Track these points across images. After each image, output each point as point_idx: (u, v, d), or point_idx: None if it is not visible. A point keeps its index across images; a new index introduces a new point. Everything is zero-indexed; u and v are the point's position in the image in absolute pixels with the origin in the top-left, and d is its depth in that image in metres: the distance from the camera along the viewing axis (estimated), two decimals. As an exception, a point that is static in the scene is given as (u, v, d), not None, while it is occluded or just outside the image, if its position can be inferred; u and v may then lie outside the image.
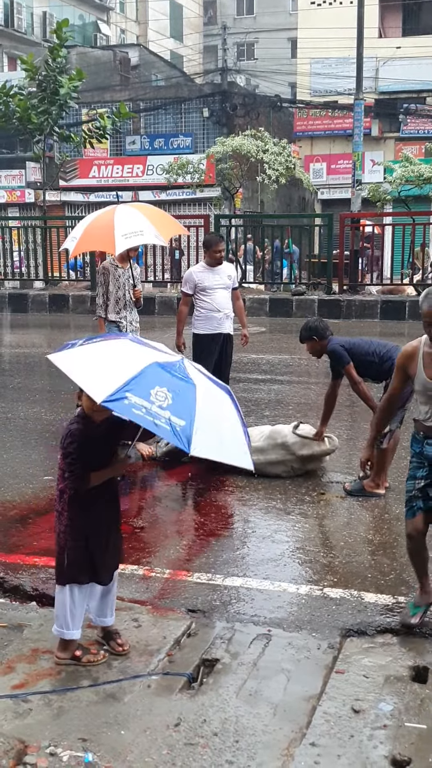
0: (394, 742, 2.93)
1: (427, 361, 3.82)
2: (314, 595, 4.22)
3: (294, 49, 37.06)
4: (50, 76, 19.86)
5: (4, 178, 32.82)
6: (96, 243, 7.62)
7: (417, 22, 31.42)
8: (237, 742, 2.92)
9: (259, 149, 22.12)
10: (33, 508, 5.63)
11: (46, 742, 2.90)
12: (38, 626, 3.82)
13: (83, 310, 18.53)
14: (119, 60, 35.24)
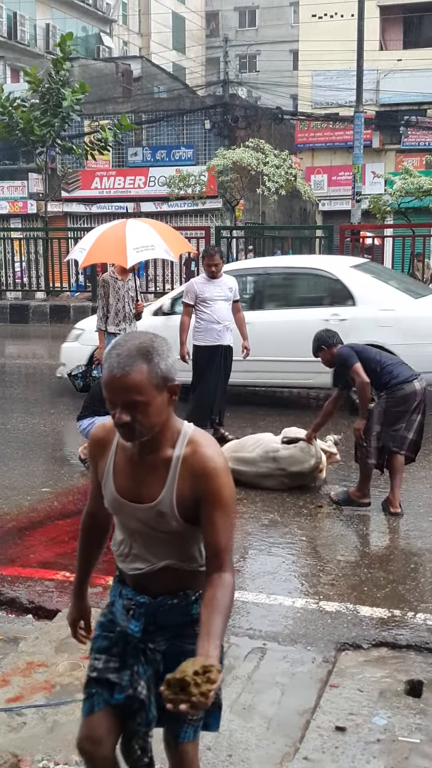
0: (388, 757, 2.92)
1: (119, 463, 2.27)
2: (310, 609, 4.22)
3: (295, 62, 37.24)
4: (53, 89, 19.96)
5: (6, 189, 32.92)
6: (107, 255, 7.69)
7: (418, 34, 31.57)
8: (230, 756, 2.92)
9: (260, 161, 22.21)
10: (30, 521, 5.63)
11: (39, 756, 2.90)
12: (34, 639, 3.82)
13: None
14: (122, 72, 35.39)
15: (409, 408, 5.44)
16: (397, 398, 5.46)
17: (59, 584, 4.54)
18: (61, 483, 6.50)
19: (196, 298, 7.51)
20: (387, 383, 5.53)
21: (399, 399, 5.45)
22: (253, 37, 51.23)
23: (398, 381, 5.47)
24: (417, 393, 5.45)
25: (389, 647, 3.81)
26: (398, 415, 5.44)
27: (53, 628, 3.92)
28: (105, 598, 4.32)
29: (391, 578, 4.59)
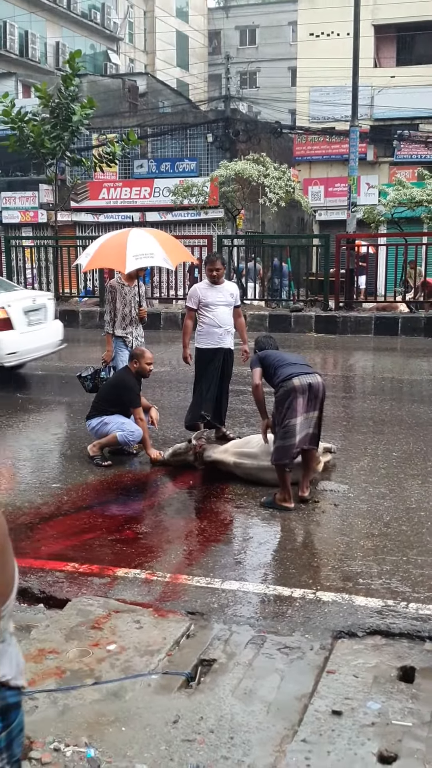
0: (382, 739, 2.93)
1: None
2: (307, 599, 4.23)
3: (294, 78, 37.20)
4: (63, 104, 19.97)
5: (18, 200, 32.94)
6: (108, 261, 7.71)
7: (410, 52, 31.53)
8: (232, 739, 2.93)
9: (261, 174, 22.22)
10: (41, 515, 5.64)
11: (51, 738, 2.91)
12: (45, 627, 3.83)
13: (92, 325, 18.57)
14: (128, 88, 35.40)
15: (290, 405, 5.63)
16: (281, 394, 5.72)
17: (69, 575, 4.56)
18: (71, 479, 6.51)
19: (199, 302, 7.52)
20: (275, 383, 5.85)
21: (282, 395, 5.71)
22: (253, 54, 51.28)
23: (280, 380, 5.76)
24: (296, 388, 5.64)
25: (383, 635, 3.82)
26: (283, 411, 5.66)
27: (63, 616, 3.93)
28: (113, 588, 4.36)
29: (384, 569, 4.60)
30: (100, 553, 4.93)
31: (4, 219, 32.36)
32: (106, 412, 7.05)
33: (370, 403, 9.80)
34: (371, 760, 2.82)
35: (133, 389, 6.99)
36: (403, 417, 8.87)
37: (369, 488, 6.19)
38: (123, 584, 4.44)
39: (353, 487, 6.22)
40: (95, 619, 3.86)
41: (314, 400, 5.75)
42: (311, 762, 2.80)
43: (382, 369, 13.11)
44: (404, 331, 16.78)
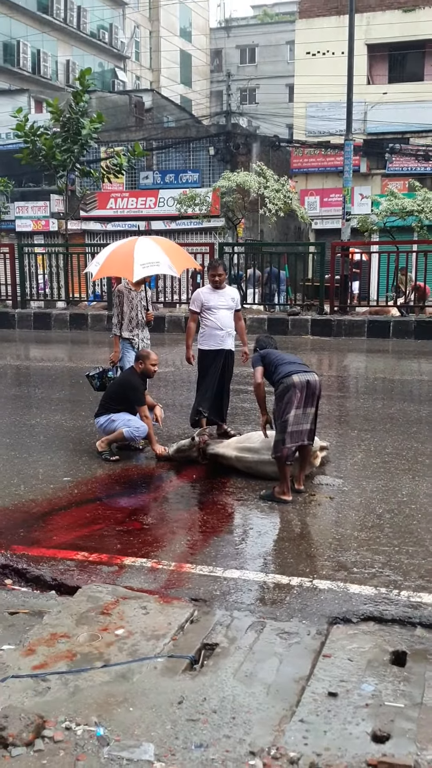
0: (375, 720, 2.92)
1: None
2: (305, 586, 4.23)
3: (291, 95, 37.19)
4: (73, 119, 19.99)
5: (30, 209, 32.94)
6: (117, 269, 7.68)
7: (402, 70, 31.50)
8: (234, 719, 2.93)
9: (261, 185, 22.20)
10: (53, 506, 5.63)
11: (63, 718, 2.91)
12: (57, 613, 3.82)
13: (100, 327, 18.59)
14: (134, 103, 35.40)
15: (290, 399, 5.64)
16: (281, 390, 5.74)
17: (79, 563, 4.55)
18: (81, 473, 6.50)
19: (202, 306, 7.52)
20: (275, 380, 5.87)
21: (282, 391, 5.73)
22: (252, 72, 51.28)
23: (280, 376, 5.79)
24: (295, 385, 5.66)
25: (376, 621, 3.81)
26: (283, 405, 5.68)
27: (74, 602, 3.92)
28: (121, 576, 4.36)
29: (377, 559, 4.60)
30: (108, 542, 4.93)
31: (17, 227, 32.35)
32: (113, 410, 7.05)
33: (364, 402, 9.80)
34: (365, 739, 2.81)
35: (138, 388, 6.99)
36: (394, 415, 8.86)
37: (363, 482, 6.19)
38: (130, 572, 4.44)
39: (348, 481, 6.22)
40: (104, 606, 3.86)
41: (311, 396, 5.76)
42: (309, 741, 2.79)
43: (374, 370, 13.10)
44: (395, 333, 16.78)
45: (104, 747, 2.73)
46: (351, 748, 2.75)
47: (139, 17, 48.45)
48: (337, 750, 2.74)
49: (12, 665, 3.30)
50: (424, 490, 5.96)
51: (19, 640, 3.54)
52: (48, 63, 41.28)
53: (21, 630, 3.69)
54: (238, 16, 59.78)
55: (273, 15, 56.76)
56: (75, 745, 2.74)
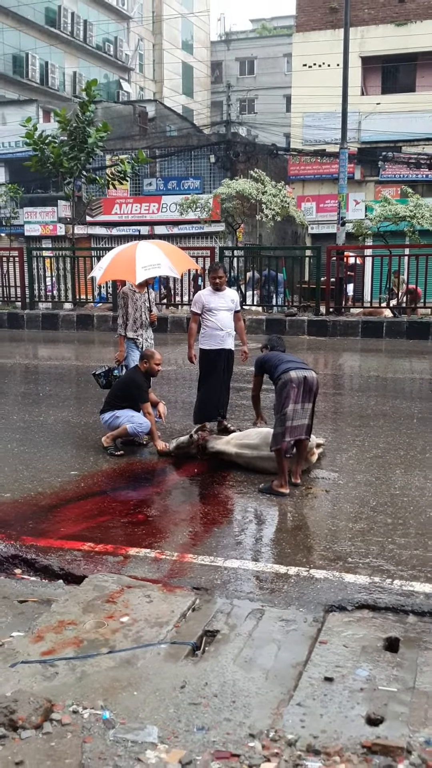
0: (370, 703, 2.92)
1: None
2: (302, 576, 4.22)
3: (288, 105, 37.12)
4: (80, 128, 19.97)
5: (38, 214, 32.91)
6: (119, 273, 7.65)
7: (394, 81, 31.40)
8: (234, 702, 2.92)
9: (259, 191, 22.18)
10: (61, 499, 5.63)
11: (70, 702, 2.90)
12: (64, 601, 3.82)
13: (106, 328, 18.58)
14: (138, 113, 35.34)
15: (288, 394, 5.64)
16: (279, 386, 5.76)
17: (86, 554, 4.55)
18: (87, 467, 6.50)
19: (203, 307, 7.50)
20: (275, 378, 5.89)
21: (280, 387, 5.74)
22: (251, 83, 51.17)
23: (279, 373, 5.81)
24: (292, 380, 5.67)
25: (370, 609, 3.80)
26: (282, 400, 5.69)
27: (81, 591, 3.91)
28: (125, 566, 4.35)
29: (370, 549, 4.59)
30: (113, 534, 4.92)
31: (26, 232, 32.33)
32: (117, 407, 7.04)
33: (358, 399, 9.79)
34: (360, 722, 2.81)
35: (142, 386, 6.98)
36: (387, 411, 8.85)
37: (357, 476, 6.18)
38: (134, 562, 4.44)
39: (343, 475, 6.21)
40: (110, 594, 3.85)
41: (309, 392, 5.75)
42: (306, 724, 2.79)
43: (368, 368, 13.09)
44: (388, 334, 16.77)
45: (110, 730, 2.73)
46: (346, 731, 2.74)
47: (143, 31, 48.37)
48: (333, 732, 2.74)
49: (21, 651, 3.30)
50: (415, 484, 5.95)
51: (28, 627, 3.54)
52: (55, 74, 41.22)
53: (30, 617, 3.68)
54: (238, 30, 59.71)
55: (271, 29, 56.65)
56: (82, 727, 2.74)
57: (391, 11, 30.31)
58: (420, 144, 29.18)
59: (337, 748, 2.64)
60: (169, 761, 2.56)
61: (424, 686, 3.05)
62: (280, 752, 2.61)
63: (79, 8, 42.73)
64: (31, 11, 38.95)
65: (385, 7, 30.32)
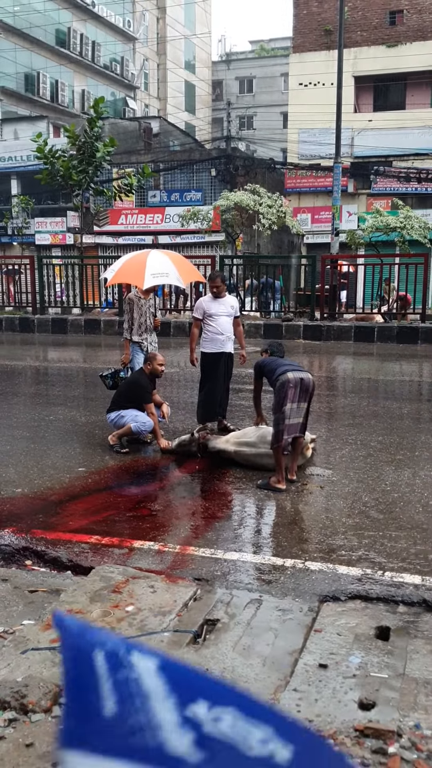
0: (362, 689, 2.91)
1: None
2: (298, 568, 4.21)
3: (285, 121, 37.16)
4: (88, 143, 19.98)
5: (49, 224, 32.94)
6: (129, 277, 7.64)
7: (385, 99, 31.43)
8: (233, 688, 2.91)
9: (256, 203, 22.19)
10: (69, 494, 5.62)
11: (78, 686, 2.89)
12: (72, 591, 3.80)
13: (112, 332, 18.57)
14: (143, 129, 35.37)
15: (285, 393, 5.65)
16: (277, 387, 5.75)
17: (93, 546, 4.54)
18: (94, 464, 6.49)
19: (204, 313, 7.50)
20: (273, 380, 5.88)
21: (278, 387, 5.74)
22: (250, 101, 51.19)
23: (276, 375, 5.81)
24: (289, 380, 5.67)
25: (362, 599, 3.79)
26: (280, 399, 5.69)
27: (88, 582, 3.90)
28: (130, 558, 4.34)
29: (363, 543, 4.58)
30: (119, 527, 4.91)
31: (36, 241, 32.35)
32: (123, 407, 7.03)
33: (351, 400, 9.78)
34: (353, 707, 2.80)
35: (146, 388, 6.97)
36: (378, 412, 8.84)
37: (350, 473, 6.17)
38: (139, 554, 4.43)
39: (336, 472, 6.20)
40: (115, 585, 3.84)
41: (305, 393, 5.75)
42: (301, 708, 2.78)
43: (360, 371, 13.08)
44: (380, 338, 16.76)
45: (115, 713, 2.72)
46: (340, 715, 2.73)
47: (148, 51, 48.41)
48: (328, 716, 2.72)
49: (32, 639, 3.29)
50: (405, 480, 5.94)
51: (38, 616, 3.53)
52: (65, 92, 41.25)
53: (40, 606, 3.67)
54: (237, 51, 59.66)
55: (269, 50, 56.69)
56: (89, 711, 2.72)
57: (382, 33, 30.35)
58: (410, 159, 29.20)
59: (331, 731, 2.63)
60: (172, 743, 2.54)
61: (414, 673, 3.04)
62: (277, 735, 2.60)
63: (88, 30, 42.77)
64: (42, 32, 38.99)
65: (377, 30, 30.36)
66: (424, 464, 6.43)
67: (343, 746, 2.54)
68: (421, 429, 8.01)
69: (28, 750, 2.48)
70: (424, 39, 29.60)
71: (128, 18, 45.44)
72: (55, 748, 0.80)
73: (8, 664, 3.07)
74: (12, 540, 4.60)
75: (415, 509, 5.22)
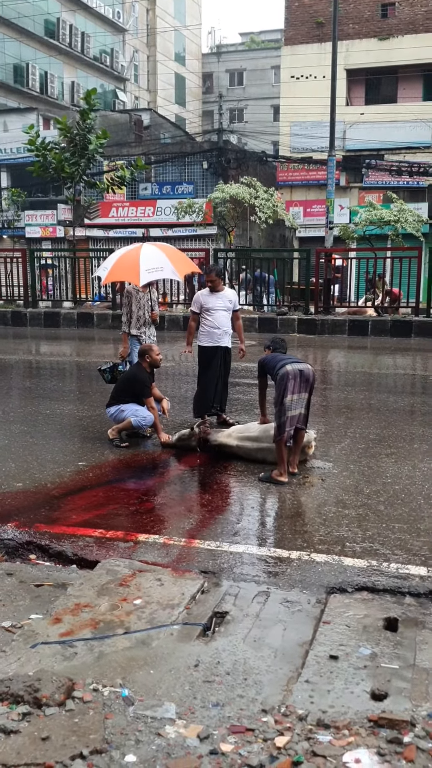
0: (373, 680, 2.93)
1: None
2: (303, 560, 4.22)
3: (276, 115, 37.12)
4: (80, 135, 19.86)
5: (39, 217, 32.73)
6: (123, 275, 7.58)
7: (377, 93, 31.40)
8: (246, 680, 2.92)
9: (252, 196, 22.17)
10: (70, 488, 5.61)
11: (90, 680, 2.89)
12: (79, 585, 3.80)
13: (105, 325, 18.52)
14: (134, 121, 35.19)
15: (285, 386, 5.67)
16: (277, 380, 5.77)
17: (97, 540, 4.53)
18: (94, 458, 6.47)
19: (201, 307, 7.48)
20: (274, 374, 5.90)
21: (278, 380, 5.76)
22: (241, 94, 51.05)
23: (276, 369, 5.84)
24: (289, 372, 5.69)
25: (369, 591, 3.81)
26: (280, 392, 5.71)
27: (95, 575, 3.90)
28: (136, 551, 4.34)
29: (367, 535, 4.60)
30: (123, 521, 4.90)
31: (27, 234, 32.15)
32: (122, 401, 7.02)
33: (347, 393, 9.80)
34: (365, 698, 2.81)
35: (145, 382, 6.96)
36: (375, 405, 8.87)
37: (350, 465, 6.19)
38: (144, 548, 4.42)
39: (337, 465, 6.22)
40: (122, 578, 3.84)
41: (305, 383, 5.77)
42: (314, 699, 2.79)
43: (355, 364, 13.11)
44: (373, 332, 16.80)
45: (130, 707, 2.72)
46: (353, 706, 2.75)
47: (138, 43, 48.12)
48: (341, 707, 2.74)
49: (41, 633, 3.29)
50: (406, 473, 5.96)
51: (46, 610, 3.53)
52: (54, 84, 40.95)
53: (47, 601, 3.67)
54: (228, 43, 59.39)
55: (259, 42, 56.49)
56: (103, 705, 2.73)
57: (374, 26, 30.31)
58: (401, 152, 29.22)
59: (345, 722, 2.65)
60: (188, 736, 2.55)
61: (424, 663, 3.06)
62: (292, 726, 2.62)
63: (77, 20, 42.46)
64: (31, 23, 38.67)
65: (368, 23, 30.31)
66: (423, 456, 6.46)
67: (358, 736, 2.56)
68: (417, 422, 8.05)
69: (45, 743, 2.48)
70: (416, 32, 29.57)
71: (118, 9, 45.14)
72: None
73: (18, 659, 3.07)
74: (15, 534, 4.59)
75: (417, 501, 5.25)
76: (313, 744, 2.51)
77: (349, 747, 2.50)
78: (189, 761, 2.42)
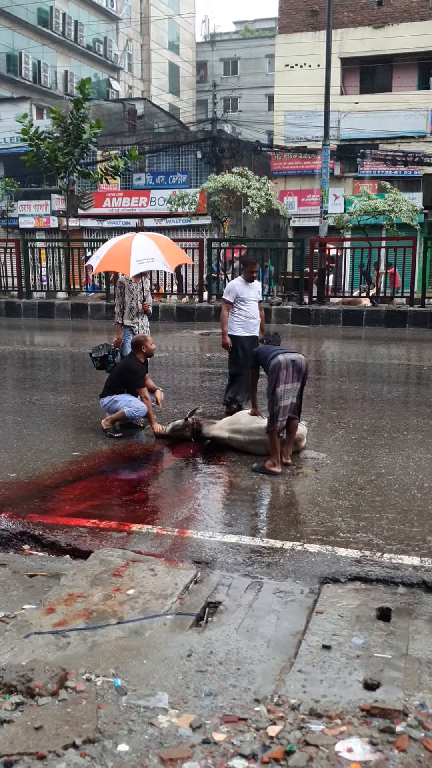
0: (366, 670, 2.93)
1: None
2: (297, 550, 4.22)
3: (270, 104, 36.89)
4: (74, 124, 19.73)
5: (32, 207, 32.55)
6: (115, 265, 7.52)
7: (372, 82, 31.25)
8: (239, 670, 2.93)
9: (244, 185, 22.08)
10: (64, 478, 5.59)
11: (83, 670, 2.89)
12: (72, 575, 3.80)
13: (99, 316, 18.47)
14: (127, 111, 34.96)
15: (277, 375, 5.67)
16: (270, 370, 5.76)
17: (90, 530, 4.52)
18: (88, 448, 6.46)
19: (236, 297, 7.51)
20: (266, 364, 5.87)
21: (270, 371, 5.75)
22: (235, 83, 50.77)
23: (268, 359, 5.82)
24: (281, 362, 5.69)
25: (362, 581, 3.81)
26: (272, 382, 5.71)
27: (88, 566, 3.90)
28: (129, 541, 4.34)
29: (360, 525, 4.60)
30: (116, 511, 4.90)
31: (20, 224, 31.99)
32: (116, 392, 7.00)
33: (341, 384, 9.80)
34: (358, 687, 2.82)
35: (138, 373, 6.94)
36: (369, 395, 8.87)
37: (344, 456, 6.19)
38: (138, 538, 4.42)
39: (330, 455, 6.22)
40: (115, 568, 3.84)
41: (297, 373, 5.77)
42: (307, 689, 2.80)
43: (349, 354, 13.11)
44: (368, 322, 16.81)
45: (122, 696, 2.72)
46: (346, 695, 2.75)
47: (131, 32, 47.77)
48: (333, 697, 2.75)
49: (34, 623, 3.28)
50: (399, 463, 5.97)
51: (39, 600, 3.52)
52: (48, 73, 40.65)
53: (40, 591, 3.66)
54: (222, 32, 59.01)
55: (254, 30, 56.13)
56: (96, 694, 2.73)
57: (369, 14, 30.13)
58: (396, 141, 29.12)
59: (338, 711, 2.65)
60: (181, 725, 2.55)
61: (416, 653, 3.07)
62: (285, 716, 2.62)
63: (70, 9, 42.12)
64: (24, 11, 38.33)
65: (363, 11, 30.13)
66: (417, 447, 6.46)
67: (350, 726, 2.56)
68: (411, 412, 8.05)
69: (38, 733, 2.48)
70: (411, 20, 29.42)
71: (111, -3, 44.79)
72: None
73: (12, 648, 3.07)
74: (9, 525, 4.58)
75: (410, 492, 5.25)
76: (305, 733, 2.51)
77: (341, 736, 2.50)
78: (181, 750, 2.42)
